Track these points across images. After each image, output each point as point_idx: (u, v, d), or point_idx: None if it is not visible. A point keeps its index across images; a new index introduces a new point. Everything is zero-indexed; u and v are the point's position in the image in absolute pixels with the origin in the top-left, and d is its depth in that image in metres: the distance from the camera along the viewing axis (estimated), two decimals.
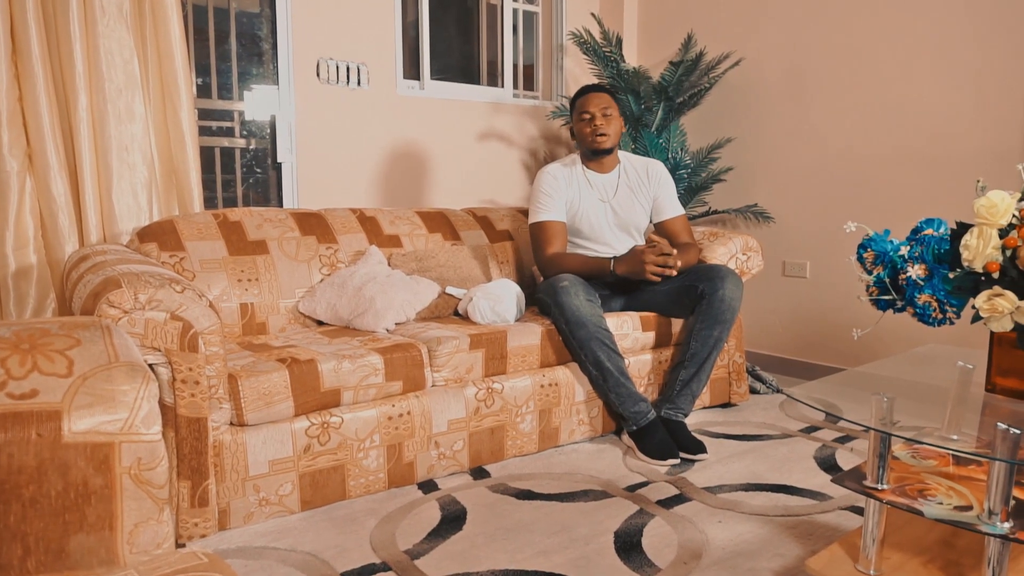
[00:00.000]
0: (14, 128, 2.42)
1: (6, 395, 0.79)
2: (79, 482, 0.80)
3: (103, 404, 0.83)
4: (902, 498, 1.44)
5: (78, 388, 0.82)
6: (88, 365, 0.85)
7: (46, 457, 0.79)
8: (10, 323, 0.88)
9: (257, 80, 3.20)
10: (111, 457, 0.82)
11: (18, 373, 0.81)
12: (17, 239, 2.46)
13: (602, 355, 2.42)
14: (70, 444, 0.80)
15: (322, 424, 2.01)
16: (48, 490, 0.79)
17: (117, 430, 0.83)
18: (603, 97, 2.68)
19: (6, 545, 0.77)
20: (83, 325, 0.90)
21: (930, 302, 1.34)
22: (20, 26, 2.40)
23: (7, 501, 0.77)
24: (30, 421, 0.79)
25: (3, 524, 0.77)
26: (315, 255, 2.62)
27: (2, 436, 0.77)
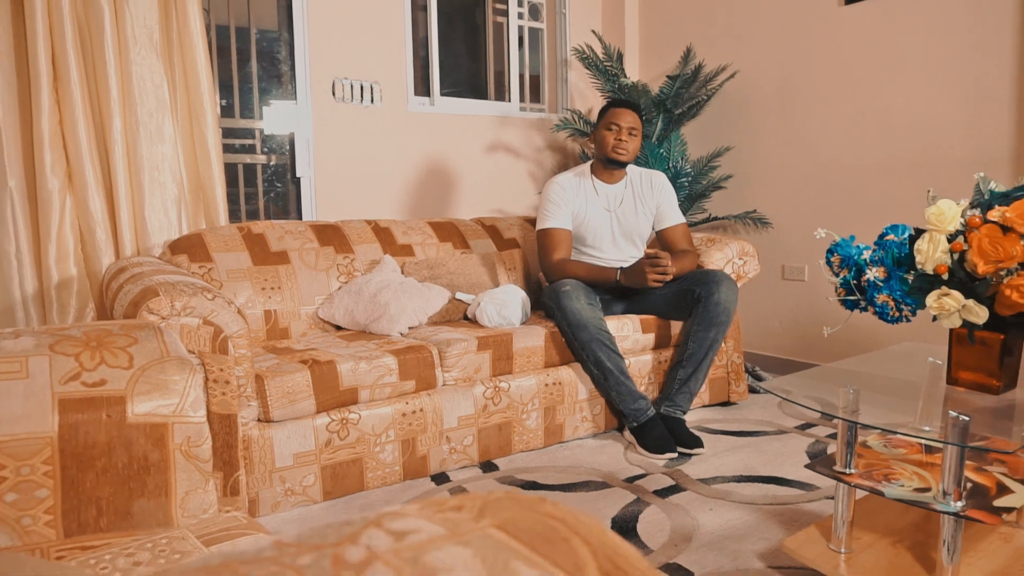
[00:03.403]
0: (55, 150, 2.61)
1: (81, 383, 0.95)
2: (140, 456, 0.97)
3: (158, 391, 0.99)
4: (868, 481, 1.58)
5: (138, 378, 0.99)
6: (145, 359, 1.01)
7: (114, 435, 0.95)
8: (79, 325, 1.05)
9: (276, 100, 3.38)
10: (166, 435, 0.98)
11: (89, 366, 0.97)
12: (59, 252, 2.65)
13: (603, 355, 2.56)
14: (133, 424, 0.96)
15: (341, 420, 2.17)
16: (116, 462, 0.95)
17: (170, 412, 0.99)
18: (633, 117, 2.82)
19: (84, 507, 0.93)
20: (139, 326, 1.07)
21: (888, 301, 1.49)
22: (60, 55, 2.59)
23: (84, 470, 0.93)
24: (101, 405, 0.95)
25: (81, 489, 0.93)
26: (333, 264, 2.79)
27: (79, 417, 0.94)
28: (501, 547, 0.35)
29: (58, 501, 0.92)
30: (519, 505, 0.39)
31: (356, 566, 0.32)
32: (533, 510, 0.39)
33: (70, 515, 0.92)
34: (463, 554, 0.34)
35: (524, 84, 4.10)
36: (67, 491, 0.92)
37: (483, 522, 0.37)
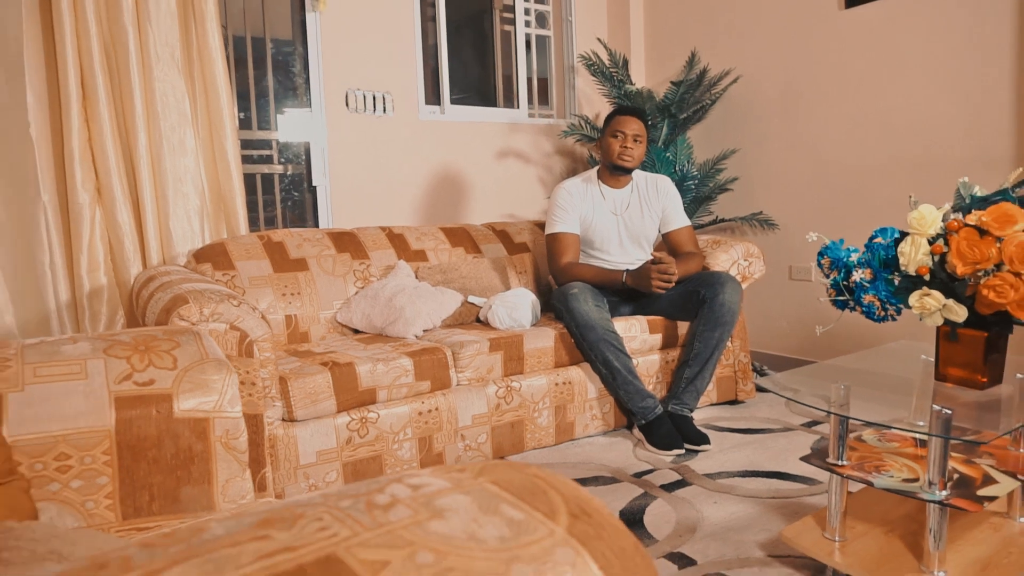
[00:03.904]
0: (85, 166, 2.74)
1: (133, 383, 1.07)
2: (186, 447, 1.08)
3: (200, 389, 1.10)
4: (858, 472, 1.67)
5: (182, 378, 1.10)
6: (187, 361, 1.13)
7: (163, 428, 1.06)
8: (127, 331, 1.16)
9: (292, 111, 3.50)
10: (208, 429, 1.10)
11: (139, 367, 1.09)
12: (90, 263, 2.78)
13: (610, 355, 2.66)
14: (179, 419, 1.08)
15: (361, 419, 2.28)
16: (165, 453, 1.06)
17: (211, 408, 1.10)
18: (638, 124, 2.92)
19: (138, 492, 1.05)
20: (180, 331, 1.18)
21: (874, 301, 1.58)
22: (88, 75, 2.72)
23: (137, 460, 1.05)
24: (151, 402, 1.07)
25: (136, 477, 1.04)
26: (350, 270, 2.91)
27: (133, 413, 1.05)
28: (493, 496, 0.45)
29: (116, 487, 1.03)
30: (510, 467, 0.49)
31: (383, 507, 0.43)
32: (520, 471, 0.49)
33: (127, 500, 1.04)
34: (464, 500, 0.44)
35: (532, 90, 4.21)
36: (124, 478, 1.03)
37: (481, 479, 0.48)
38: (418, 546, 0.39)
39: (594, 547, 0.41)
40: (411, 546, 0.39)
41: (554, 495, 0.46)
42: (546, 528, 0.42)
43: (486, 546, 0.40)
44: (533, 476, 0.48)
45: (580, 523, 0.43)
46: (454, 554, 0.39)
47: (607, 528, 0.44)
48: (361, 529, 0.40)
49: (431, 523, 0.41)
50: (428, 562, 0.38)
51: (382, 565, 0.37)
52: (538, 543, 0.41)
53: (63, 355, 1.07)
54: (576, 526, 0.43)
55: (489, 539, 0.40)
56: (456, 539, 0.40)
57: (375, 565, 0.37)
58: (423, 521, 0.41)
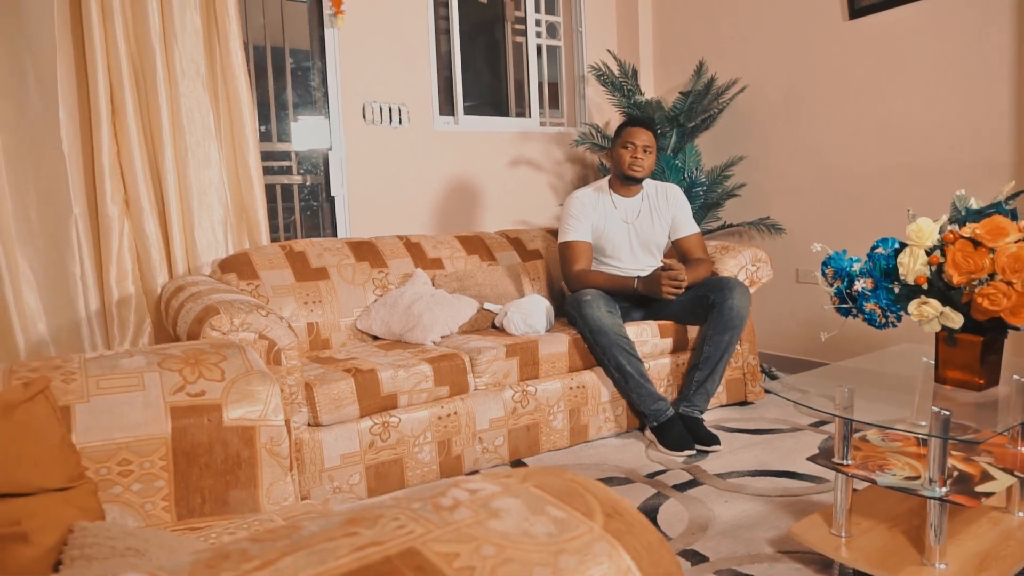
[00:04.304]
0: (114, 179, 2.84)
1: (186, 394, 1.16)
2: (234, 453, 1.17)
3: (247, 400, 1.19)
4: (863, 471, 1.75)
5: (230, 389, 1.19)
6: (234, 373, 1.22)
7: (213, 436, 1.15)
8: (177, 345, 1.25)
9: (311, 124, 3.60)
10: (254, 436, 1.19)
11: (191, 379, 1.18)
12: (119, 273, 2.88)
13: (623, 360, 2.75)
14: (228, 427, 1.17)
15: (383, 424, 2.37)
16: (215, 458, 1.15)
17: (257, 417, 1.19)
18: (648, 135, 3.00)
19: (191, 495, 1.14)
20: (226, 345, 1.27)
21: (875, 309, 1.66)
22: (117, 93, 2.82)
23: (190, 465, 1.14)
24: (203, 411, 1.16)
25: (189, 481, 1.13)
26: (369, 279, 3.00)
27: (187, 421, 1.14)
28: (539, 498, 0.54)
29: (172, 490, 1.12)
30: (549, 473, 0.58)
31: (448, 508, 0.52)
32: (559, 476, 0.58)
33: (181, 501, 1.13)
34: (515, 502, 0.53)
35: (544, 98, 4.29)
36: (178, 482, 1.12)
37: (526, 484, 0.56)
38: (482, 541, 0.48)
39: (626, 541, 0.50)
40: (476, 541, 0.48)
41: (590, 497, 0.54)
42: (585, 525, 0.51)
43: (537, 541, 0.48)
44: (570, 481, 0.57)
45: (613, 521, 0.52)
46: (511, 547, 0.47)
47: (636, 525, 0.52)
48: (433, 527, 0.49)
49: (490, 522, 0.50)
50: (491, 554, 0.47)
51: (454, 556, 0.46)
52: (580, 538, 0.49)
53: (122, 368, 1.16)
54: (610, 524, 0.51)
55: (539, 535, 0.49)
56: (512, 535, 0.49)
57: (449, 557, 0.46)
58: (483, 520, 0.50)
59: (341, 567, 0.45)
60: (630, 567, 0.49)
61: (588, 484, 0.57)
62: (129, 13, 2.84)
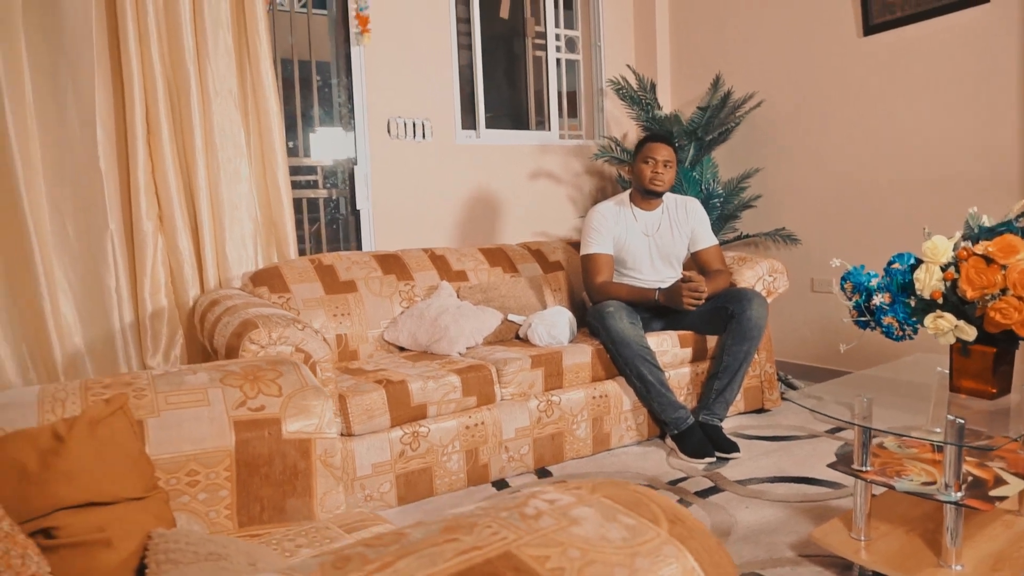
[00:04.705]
0: (149, 196, 2.93)
1: (247, 408, 1.24)
2: (291, 464, 1.24)
3: (303, 414, 1.27)
4: (881, 477, 1.81)
5: (287, 404, 1.27)
6: (290, 388, 1.29)
7: (273, 448, 1.23)
8: (236, 362, 1.33)
9: (337, 139, 3.69)
10: (310, 449, 1.26)
11: (251, 394, 1.26)
12: (152, 286, 2.97)
13: (644, 370, 2.81)
14: (286, 440, 1.24)
15: (413, 433, 2.45)
16: (274, 469, 1.23)
17: (312, 431, 1.27)
18: (668, 150, 3.07)
19: (251, 504, 1.21)
20: (281, 362, 1.35)
21: (892, 323, 1.72)
22: (152, 111, 2.91)
23: (251, 475, 1.21)
24: (263, 425, 1.24)
25: (250, 490, 1.21)
26: (395, 291, 3.08)
27: (249, 435, 1.22)
28: (610, 507, 0.61)
29: (234, 499, 1.20)
30: (615, 485, 0.65)
31: (533, 517, 0.59)
32: (624, 488, 0.65)
33: (242, 510, 1.20)
34: (589, 511, 0.60)
35: (562, 102, 4.37)
36: (240, 492, 1.20)
37: (596, 494, 0.63)
38: (567, 545, 0.55)
39: (690, 545, 0.57)
40: (562, 545, 0.55)
41: (654, 506, 0.62)
42: (653, 531, 0.58)
43: (614, 544, 0.56)
44: (635, 491, 0.64)
45: (677, 527, 0.59)
46: (593, 550, 0.55)
47: (696, 530, 0.59)
48: (523, 533, 0.56)
49: (572, 528, 0.57)
50: (577, 556, 0.54)
51: (546, 559, 0.54)
52: (650, 542, 0.57)
53: (188, 384, 1.24)
54: (675, 529, 0.59)
55: (615, 539, 0.56)
56: (592, 539, 0.56)
57: (541, 559, 0.54)
58: (566, 527, 0.57)
59: (450, 568, 0.52)
60: (694, 567, 0.56)
61: (651, 494, 0.65)
62: (164, 34, 2.93)
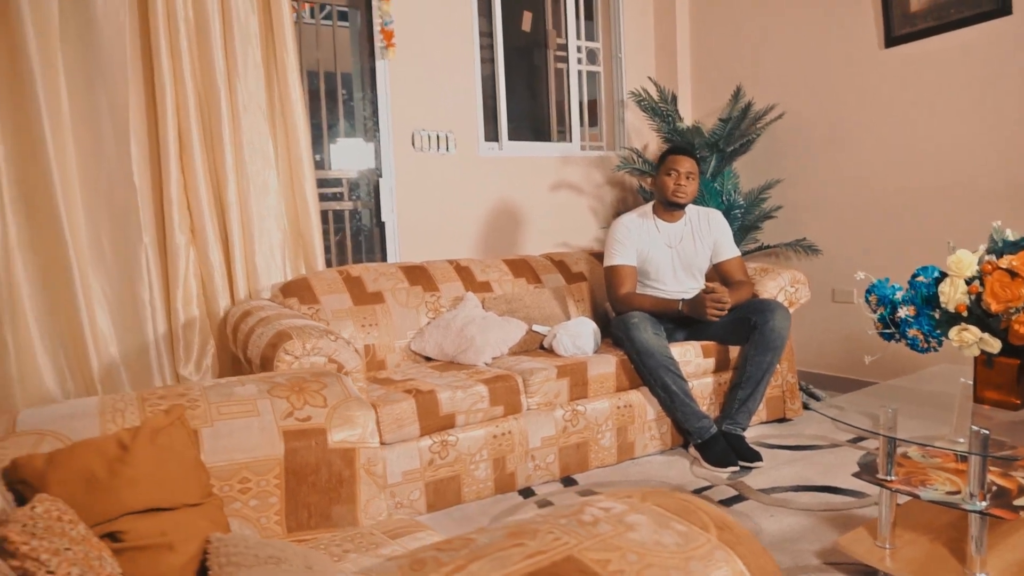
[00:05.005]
0: (182, 210, 3.00)
1: (294, 419, 1.29)
2: (337, 473, 1.29)
3: (347, 424, 1.32)
4: (906, 486, 1.84)
5: (332, 414, 1.32)
6: (335, 399, 1.35)
7: (320, 457, 1.28)
8: (281, 374, 1.38)
9: (363, 152, 3.76)
10: (354, 458, 1.31)
11: (298, 405, 1.31)
12: (184, 297, 3.03)
13: (668, 380, 2.85)
14: (332, 449, 1.29)
15: (441, 442, 2.49)
16: (321, 477, 1.28)
17: (356, 440, 1.32)
18: (691, 162, 3.12)
19: (299, 510, 1.26)
20: (325, 374, 1.41)
21: (917, 335, 1.75)
22: (184, 126, 2.98)
23: (299, 483, 1.26)
24: (310, 435, 1.29)
25: (298, 497, 1.26)
26: (422, 302, 3.13)
27: (297, 444, 1.27)
28: (661, 514, 0.65)
29: (283, 506, 1.25)
30: (665, 494, 0.70)
31: (591, 523, 0.63)
32: (672, 497, 0.69)
33: (291, 516, 1.26)
34: (642, 518, 0.65)
35: (583, 118, 4.41)
36: (289, 499, 1.25)
37: (647, 503, 0.68)
38: (625, 549, 0.60)
39: (739, 550, 0.61)
40: (620, 549, 0.60)
41: (703, 514, 0.66)
42: (704, 537, 0.62)
43: (669, 549, 0.60)
44: (683, 500, 0.69)
45: (726, 533, 0.63)
46: (650, 555, 0.59)
47: (743, 536, 0.64)
48: (583, 538, 0.61)
49: (628, 534, 0.62)
50: (635, 560, 0.58)
51: (607, 562, 0.58)
52: (702, 547, 0.61)
53: (237, 396, 1.29)
54: (723, 535, 0.63)
55: (669, 544, 0.61)
56: (648, 544, 0.60)
57: (601, 563, 0.58)
58: (622, 533, 0.62)
59: (520, 570, 0.57)
60: (743, 571, 0.60)
61: (699, 502, 0.69)
62: (196, 52, 3.01)
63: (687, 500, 0.67)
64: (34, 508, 0.89)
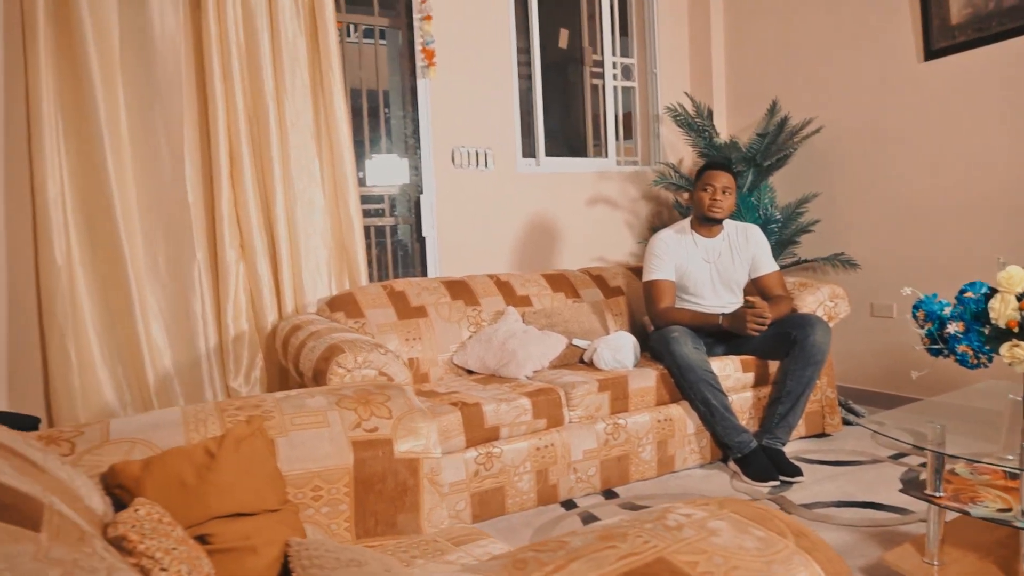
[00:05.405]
0: (232, 226, 3.10)
1: (362, 430, 1.35)
2: (402, 482, 1.35)
3: (412, 435, 1.38)
4: (955, 503, 1.85)
5: (397, 426, 1.38)
6: (399, 411, 1.40)
7: (386, 467, 1.34)
8: (348, 386, 1.44)
9: (404, 169, 3.84)
10: (418, 468, 1.37)
11: (364, 416, 1.37)
12: (234, 312, 3.12)
13: (708, 394, 2.87)
14: (397, 459, 1.35)
15: (486, 454, 2.54)
16: (387, 486, 1.33)
17: (420, 451, 1.37)
18: (727, 177, 3.16)
19: (367, 517, 1.32)
20: (388, 387, 1.46)
21: (967, 351, 1.77)
22: (235, 146, 3.08)
23: (367, 492, 1.32)
24: (377, 445, 1.34)
25: (365, 505, 1.32)
26: (463, 316, 3.19)
27: (365, 454, 1.33)
28: (739, 521, 0.70)
29: (352, 513, 1.31)
30: (741, 503, 0.74)
31: (675, 528, 0.68)
32: (748, 505, 0.74)
33: (359, 523, 1.31)
34: (723, 524, 0.69)
35: (619, 131, 4.46)
36: (357, 506, 1.31)
37: (724, 510, 0.72)
38: (711, 552, 0.64)
39: (815, 556, 0.65)
40: (706, 553, 0.64)
41: (779, 521, 0.70)
42: (782, 543, 0.66)
43: (752, 553, 0.64)
44: (759, 508, 0.73)
45: (802, 540, 0.67)
46: (735, 558, 0.63)
47: (819, 543, 0.68)
48: (671, 542, 0.65)
49: (712, 538, 0.66)
50: (721, 563, 0.63)
51: (695, 564, 0.62)
52: (782, 552, 0.65)
53: (308, 407, 1.35)
54: (801, 541, 0.67)
55: (751, 548, 0.65)
56: (731, 548, 0.65)
57: (691, 564, 0.62)
58: (706, 537, 0.66)
59: (616, 570, 0.61)
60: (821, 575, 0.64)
61: (774, 511, 0.73)
62: (246, 74, 3.11)
63: (763, 508, 0.71)
64: (137, 511, 0.95)
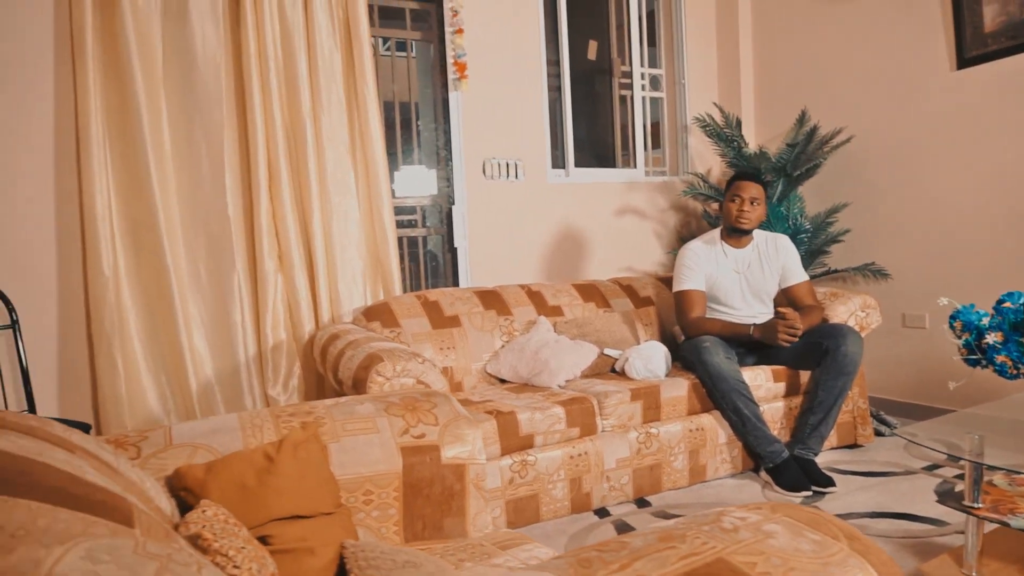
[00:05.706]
0: (270, 238, 3.17)
1: (410, 436, 1.39)
2: (448, 487, 1.39)
3: (458, 441, 1.41)
4: (994, 514, 1.85)
5: (444, 432, 1.42)
6: (445, 418, 1.44)
7: (433, 472, 1.37)
8: (395, 393, 1.49)
9: (436, 181, 3.89)
10: (464, 473, 1.40)
11: (412, 423, 1.41)
12: (273, 321, 3.19)
13: (740, 404, 2.89)
14: (444, 464, 1.39)
15: (521, 462, 2.58)
16: (434, 491, 1.37)
17: (466, 457, 1.41)
18: (756, 188, 3.17)
19: (415, 521, 1.36)
20: (434, 395, 1.51)
21: (1006, 361, 1.78)
22: (274, 160, 3.16)
23: (415, 496, 1.36)
24: (424, 451, 1.38)
25: (414, 509, 1.36)
26: (496, 326, 3.23)
27: (413, 460, 1.37)
28: (793, 524, 0.73)
29: (401, 516, 1.35)
30: (793, 507, 0.77)
31: (732, 530, 0.71)
32: (800, 509, 0.77)
33: (408, 527, 1.35)
34: (777, 527, 0.72)
35: (647, 142, 4.49)
36: (406, 510, 1.35)
37: (778, 514, 0.75)
38: (768, 554, 0.67)
39: (870, 558, 0.68)
40: (764, 554, 0.67)
41: (831, 525, 0.73)
42: (837, 546, 0.69)
43: (808, 555, 0.67)
44: (811, 512, 0.76)
45: (856, 543, 0.70)
46: (792, 559, 0.66)
47: (872, 546, 0.71)
48: (729, 543, 0.68)
49: (768, 540, 0.69)
50: (779, 564, 0.66)
51: (754, 565, 0.65)
52: (837, 554, 0.68)
53: (358, 414, 1.40)
54: (854, 544, 0.70)
55: (807, 551, 0.68)
56: (787, 550, 0.68)
57: (749, 565, 0.65)
58: (762, 539, 0.69)
59: (678, 570, 0.64)
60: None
61: (827, 515, 0.76)
62: (284, 90, 3.18)
63: (816, 512, 0.74)
64: (205, 512, 1.00)
